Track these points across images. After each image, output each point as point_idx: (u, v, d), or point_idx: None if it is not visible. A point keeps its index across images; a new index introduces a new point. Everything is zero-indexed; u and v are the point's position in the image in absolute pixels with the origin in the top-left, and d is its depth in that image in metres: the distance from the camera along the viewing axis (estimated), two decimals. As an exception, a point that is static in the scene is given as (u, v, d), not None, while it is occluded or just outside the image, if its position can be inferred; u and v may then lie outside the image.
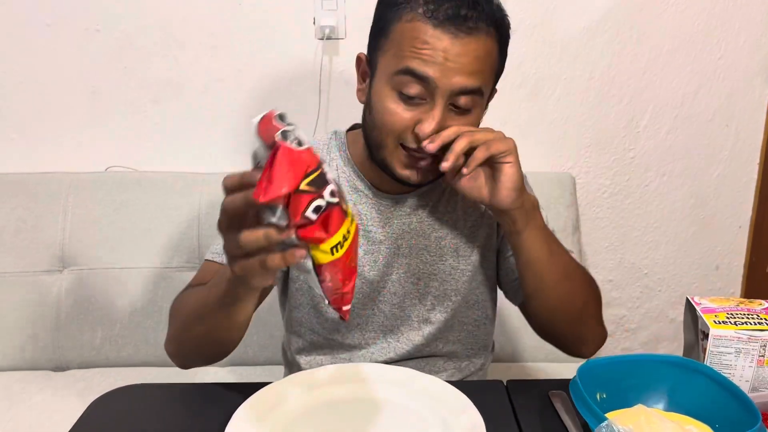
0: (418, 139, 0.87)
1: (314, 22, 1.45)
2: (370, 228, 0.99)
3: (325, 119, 1.50)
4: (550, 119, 1.56)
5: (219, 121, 1.51)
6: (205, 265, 0.99)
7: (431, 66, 0.84)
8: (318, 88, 1.48)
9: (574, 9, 1.48)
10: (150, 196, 1.43)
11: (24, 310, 1.40)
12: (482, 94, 0.89)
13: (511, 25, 0.91)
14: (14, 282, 1.40)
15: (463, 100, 0.87)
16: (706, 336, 0.82)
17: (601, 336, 1.03)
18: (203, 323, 0.84)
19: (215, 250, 0.98)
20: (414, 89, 0.86)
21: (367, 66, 0.95)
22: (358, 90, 0.96)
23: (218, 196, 1.46)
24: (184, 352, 0.94)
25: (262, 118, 0.60)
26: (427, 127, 0.86)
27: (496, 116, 1.57)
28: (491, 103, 0.86)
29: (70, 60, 1.45)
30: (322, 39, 1.45)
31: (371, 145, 0.94)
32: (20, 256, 1.40)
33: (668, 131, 1.59)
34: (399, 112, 0.88)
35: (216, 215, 1.61)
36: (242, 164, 0.60)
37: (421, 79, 0.85)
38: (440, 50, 0.84)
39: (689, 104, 1.57)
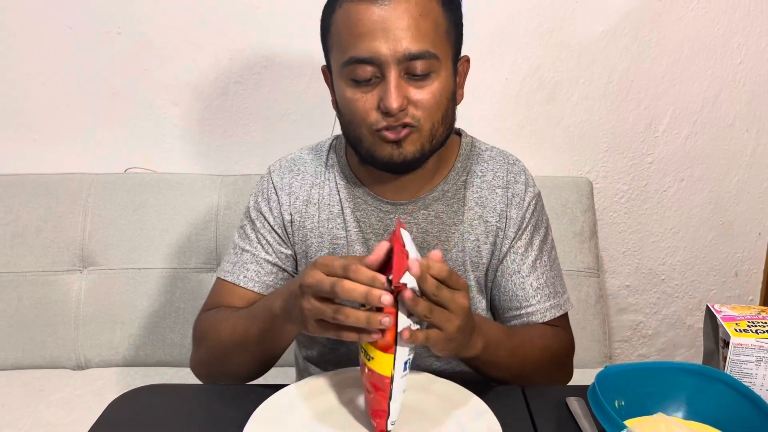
0: (389, 113, 0.86)
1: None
2: (369, 236, 0.98)
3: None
4: (567, 123, 1.55)
5: (237, 123, 1.52)
6: (219, 285, 1.00)
7: (370, 42, 0.84)
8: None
9: (592, 12, 1.47)
10: (168, 198, 1.45)
11: (44, 309, 1.41)
12: (437, 57, 0.87)
13: (529, 29, 0.90)
14: (35, 281, 1.41)
15: (419, 66, 0.85)
16: (726, 344, 0.82)
17: (565, 379, 1.00)
18: (246, 352, 0.89)
19: (227, 268, 0.99)
20: (365, 72, 0.86)
21: (328, 73, 0.95)
22: (332, 101, 0.96)
23: (235, 197, 1.47)
24: (216, 375, 0.96)
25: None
26: (390, 100, 0.84)
27: (513, 120, 1.57)
28: (508, 109, 0.85)
29: (91, 62, 1.46)
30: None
31: (354, 144, 0.93)
32: (41, 256, 1.42)
33: (687, 136, 1.58)
34: (359, 98, 0.87)
35: (233, 217, 1.61)
36: (257, 166, 0.61)
37: (366, 61, 0.85)
38: (373, 21, 0.84)
39: (709, 109, 1.56)
